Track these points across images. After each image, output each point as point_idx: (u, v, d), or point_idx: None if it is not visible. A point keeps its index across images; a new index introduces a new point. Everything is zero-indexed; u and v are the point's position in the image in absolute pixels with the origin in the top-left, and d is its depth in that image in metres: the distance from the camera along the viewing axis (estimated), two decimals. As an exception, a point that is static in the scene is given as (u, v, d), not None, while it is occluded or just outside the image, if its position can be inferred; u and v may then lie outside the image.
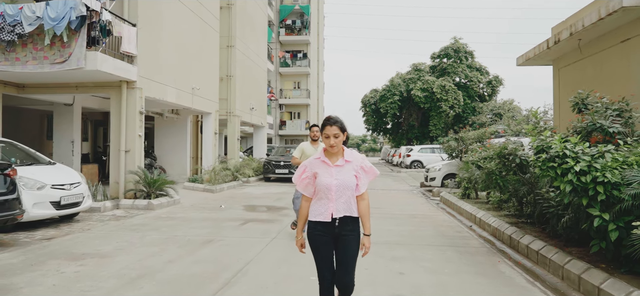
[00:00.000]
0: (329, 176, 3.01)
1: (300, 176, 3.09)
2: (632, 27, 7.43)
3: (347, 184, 3.00)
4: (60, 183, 7.53)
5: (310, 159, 3.14)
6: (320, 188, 3.01)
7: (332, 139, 2.97)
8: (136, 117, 10.87)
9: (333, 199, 3.00)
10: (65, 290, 4.24)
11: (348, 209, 3.02)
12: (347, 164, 3.04)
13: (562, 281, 4.69)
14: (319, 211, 3.02)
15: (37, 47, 9.31)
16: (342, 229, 3.01)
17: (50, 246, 6.11)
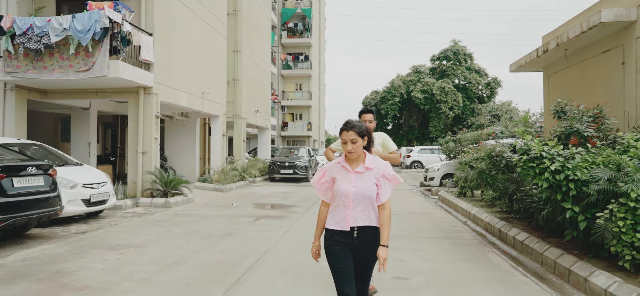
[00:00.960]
0: (347, 182, 2.86)
1: (319, 180, 2.99)
2: (610, 40, 8.14)
3: (366, 192, 2.83)
4: (89, 182, 8.25)
5: (331, 163, 3.01)
6: (337, 194, 2.87)
7: (349, 144, 2.84)
8: (152, 120, 11.59)
9: (350, 208, 2.84)
10: (114, 273, 4.95)
11: (367, 218, 2.85)
12: (367, 172, 2.88)
13: (541, 266, 5.40)
14: (337, 219, 2.88)
15: (63, 56, 10.03)
16: (362, 242, 2.84)
17: (87, 238, 6.83)
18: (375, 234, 2.86)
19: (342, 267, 2.81)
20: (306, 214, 9.48)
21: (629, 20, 7.48)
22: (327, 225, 2.91)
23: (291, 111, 45.82)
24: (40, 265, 5.27)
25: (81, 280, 4.68)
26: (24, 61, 10.08)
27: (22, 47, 9.85)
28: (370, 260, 2.89)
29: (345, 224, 2.83)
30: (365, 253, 2.86)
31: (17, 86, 10.94)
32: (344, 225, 2.83)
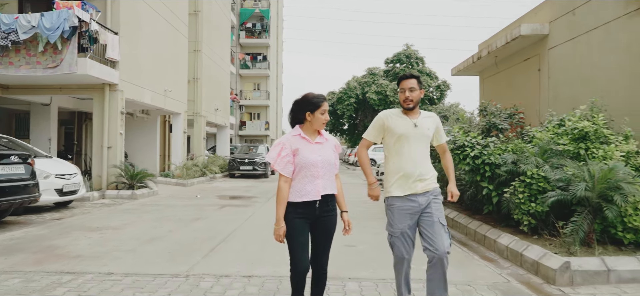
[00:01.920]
0: (312, 152, 2.88)
1: (279, 154, 2.88)
2: (529, 50, 9.57)
3: (330, 160, 2.93)
4: (62, 173, 8.69)
5: (287, 136, 2.97)
6: (304, 165, 2.84)
7: (326, 114, 2.93)
8: (118, 116, 12.01)
9: (320, 176, 2.87)
10: (101, 246, 5.61)
11: (331, 186, 2.96)
12: (326, 142, 2.99)
13: (466, 236, 6.56)
14: (306, 190, 2.85)
15: (30, 53, 10.31)
16: (323, 209, 2.91)
17: (64, 223, 7.35)
18: (333, 203, 2.99)
19: (302, 240, 2.86)
20: (268, 203, 10.31)
21: (542, 34, 8.90)
22: (291, 198, 2.85)
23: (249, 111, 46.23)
24: (30, 242, 5.83)
25: (73, 252, 5.31)
26: (-12, 57, 10.26)
27: (-12, 42, 10.05)
28: (331, 227, 2.97)
29: (316, 194, 2.84)
30: (326, 220, 2.93)
31: (-21, 81, 11.05)
32: (314, 195, 2.84)
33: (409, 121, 3.19)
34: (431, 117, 3.32)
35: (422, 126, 3.19)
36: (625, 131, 5.73)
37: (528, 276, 4.49)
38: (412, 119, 3.20)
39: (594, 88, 7.21)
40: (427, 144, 3.24)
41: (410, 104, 3.17)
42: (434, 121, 3.31)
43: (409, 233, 3.16)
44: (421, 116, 3.25)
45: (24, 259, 4.96)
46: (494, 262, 5.11)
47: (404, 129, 3.16)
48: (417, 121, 3.20)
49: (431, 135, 3.27)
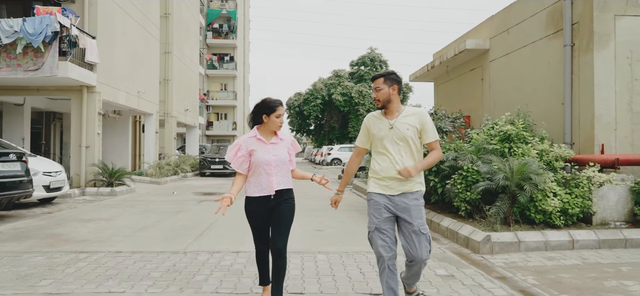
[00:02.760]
0: (266, 153, 3.21)
1: (235, 154, 3.24)
2: (474, 62, 10.92)
3: (284, 159, 3.26)
4: (48, 170, 9.25)
5: (244, 137, 3.30)
6: (259, 164, 3.19)
7: (282, 117, 3.27)
8: (95, 117, 12.54)
9: (273, 174, 3.21)
10: (100, 233, 6.37)
11: (285, 182, 3.28)
12: (280, 142, 3.31)
13: (416, 222, 7.72)
14: (261, 186, 3.22)
15: (10, 56, 10.74)
16: (277, 201, 3.23)
17: (57, 216, 7.99)
18: (290, 193, 3.31)
19: (260, 227, 3.27)
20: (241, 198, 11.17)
21: (484, 48, 10.24)
22: (248, 193, 3.27)
23: (216, 111, 46.50)
24: (35, 230, 6.51)
25: (77, 238, 6.06)
26: (-32, 59, 10.62)
27: (-31, 46, 10.42)
28: (285, 213, 3.25)
29: (270, 190, 3.21)
30: (281, 208, 3.24)
31: (-45, 82, 11.34)
32: (268, 190, 3.21)
33: (386, 123, 3.15)
34: (414, 115, 3.18)
35: (399, 127, 3.10)
36: (542, 133, 7.04)
37: (460, 248, 5.65)
38: (390, 119, 3.15)
39: (523, 96, 8.56)
40: (407, 144, 3.12)
41: (379, 104, 3.16)
42: (416, 119, 3.15)
43: (385, 230, 3.10)
44: (401, 115, 3.16)
45: (37, 243, 5.68)
46: (436, 240, 6.25)
47: (380, 132, 3.16)
48: (394, 121, 3.13)
49: (412, 135, 3.11)
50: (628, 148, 6.78)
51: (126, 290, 3.83)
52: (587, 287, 4.03)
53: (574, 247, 5.48)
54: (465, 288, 3.98)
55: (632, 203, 6.22)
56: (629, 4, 6.83)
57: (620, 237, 5.59)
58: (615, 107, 6.80)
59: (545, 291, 3.89)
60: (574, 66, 7.21)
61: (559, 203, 5.88)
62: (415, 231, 3.04)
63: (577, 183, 6.17)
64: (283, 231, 3.22)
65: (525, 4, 8.71)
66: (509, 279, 4.28)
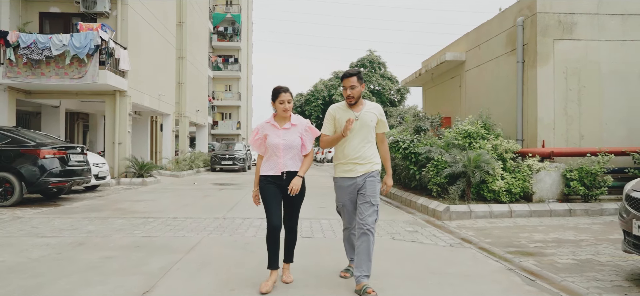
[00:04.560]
0: (277, 137, 3.50)
1: (254, 136, 3.59)
2: (454, 71, 12.79)
3: (293, 144, 3.50)
4: (96, 162, 11.14)
5: (262, 123, 3.63)
6: (270, 147, 3.50)
7: (286, 104, 3.48)
8: (126, 118, 14.42)
9: (281, 156, 3.48)
10: (153, 208, 8.23)
11: (294, 165, 3.52)
12: (293, 128, 3.54)
13: (400, 202, 9.58)
14: (270, 166, 3.53)
15: (59, 66, 12.61)
16: (289, 181, 3.50)
17: (109, 198, 9.87)
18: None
19: (272, 201, 3.51)
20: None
21: (461, 60, 12.11)
22: (261, 172, 3.58)
23: (221, 111, 48.36)
24: (102, 206, 8.39)
25: (138, 210, 7.94)
26: (23, 68, 12.51)
27: (26, 57, 12.30)
28: (296, 197, 3.54)
29: (278, 170, 3.51)
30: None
31: (9, 88, 13.22)
32: (277, 171, 3.51)
33: (352, 114, 3.57)
34: (375, 109, 3.68)
35: (364, 118, 3.58)
36: (497, 131, 8.90)
37: (428, 218, 7.52)
38: (355, 112, 3.59)
39: (490, 101, 10.42)
40: (368, 133, 3.61)
41: (352, 101, 3.59)
42: (376, 113, 3.67)
43: (349, 207, 3.74)
44: (365, 108, 3.63)
45: (112, 213, 7.56)
46: (412, 214, 8.12)
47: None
48: (360, 113, 3.58)
49: (374, 125, 3.64)
50: (563, 143, 8.66)
51: (194, 235, 5.70)
52: (506, 236, 5.90)
53: (512, 216, 7.35)
54: (424, 237, 5.84)
55: (562, 185, 8.09)
56: (564, 31, 8.71)
57: (547, 209, 7.47)
58: (554, 111, 8.68)
59: (477, 238, 5.75)
60: (524, 78, 9.09)
61: (504, 184, 7.76)
62: (367, 202, 3.51)
63: (520, 169, 8.05)
64: (294, 210, 3.61)
65: (491, 25, 10.59)
66: (455, 233, 6.15)
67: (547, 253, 4.89)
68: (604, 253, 4.87)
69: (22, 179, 8.17)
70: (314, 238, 5.69)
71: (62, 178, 8.56)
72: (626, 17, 8.84)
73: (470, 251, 4.99)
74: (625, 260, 4.53)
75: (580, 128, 8.75)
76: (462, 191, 7.78)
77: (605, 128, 8.79)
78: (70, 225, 6.33)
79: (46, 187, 8.45)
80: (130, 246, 5.01)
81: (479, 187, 7.97)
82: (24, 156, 8.29)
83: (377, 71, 48.89)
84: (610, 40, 8.81)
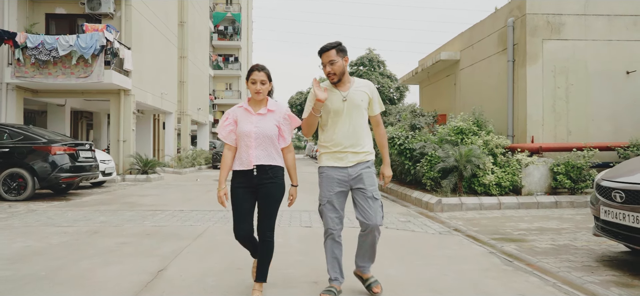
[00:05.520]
0: (249, 123, 2.99)
1: (223, 122, 3.06)
2: (449, 69, 13.17)
3: (267, 132, 2.98)
4: (103, 159, 11.52)
5: (234, 108, 3.10)
6: (240, 135, 2.99)
7: (258, 85, 2.96)
8: (130, 116, 14.80)
9: (253, 147, 2.96)
10: (159, 202, 8.62)
11: (269, 157, 3.00)
12: (269, 114, 3.04)
13: (396, 196, 9.97)
14: (241, 159, 3.00)
15: (66, 65, 12.99)
16: (262, 178, 2.97)
17: (116, 193, 10.25)
18: (276, 172, 3.01)
19: (241, 208, 3.00)
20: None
21: (456, 59, 12.48)
22: (234, 167, 3.04)
23: (221, 109, 48.62)
24: (111, 200, 8.78)
25: (145, 204, 8.32)
26: (31, 68, 12.89)
27: (34, 57, 12.68)
28: (271, 195, 2.98)
29: (248, 163, 2.96)
30: (267, 188, 2.97)
31: (17, 87, 13.60)
32: (248, 164, 2.96)
33: (339, 95, 3.09)
34: (366, 86, 3.19)
35: (353, 98, 3.09)
36: (489, 127, 9.28)
37: (422, 210, 7.91)
38: (342, 91, 3.09)
39: (482, 98, 10.79)
40: (360, 116, 3.12)
41: (335, 78, 3.07)
42: (367, 91, 3.16)
43: (336, 203, 3.10)
44: (353, 87, 3.13)
45: (120, 206, 7.95)
46: (406, 206, 8.50)
47: (333, 104, 3.08)
48: (347, 93, 3.09)
49: (365, 105, 3.14)
50: (551, 139, 9.04)
51: (200, 225, 6.08)
52: (493, 225, 6.28)
53: (501, 208, 7.74)
54: (415, 226, 6.23)
55: (550, 179, 8.47)
56: (552, 31, 9.08)
57: (534, 201, 7.86)
58: (543, 108, 9.06)
59: (466, 227, 6.13)
60: (514, 76, 9.46)
61: (494, 178, 8.14)
62: (369, 197, 3.05)
63: (510, 164, 8.43)
64: (268, 214, 3.01)
65: (484, 25, 10.96)
66: (446, 223, 6.53)
67: (528, 240, 5.27)
68: (581, 239, 5.25)
69: (34, 175, 8.56)
70: (312, 227, 6.06)
71: (72, 173, 8.95)
72: (612, 17, 9.21)
73: (458, 238, 5.38)
74: (599, 245, 4.92)
75: (568, 124, 9.13)
76: (454, 185, 8.16)
77: (592, 124, 9.17)
78: (83, 216, 6.72)
79: (57, 182, 8.84)
80: (142, 234, 5.39)
81: (470, 181, 8.35)
82: (36, 153, 8.67)
83: (376, 69, 49.23)
84: (597, 40, 9.18)
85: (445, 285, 3.54)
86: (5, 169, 8.51)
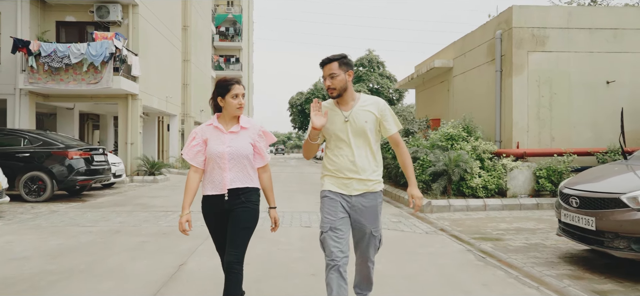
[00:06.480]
0: (221, 143, 2.72)
1: (190, 143, 2.80)
2: (443, 76, 13.78)
3: (242, 152, 2.72)
4: (113, 161, 12.15)
5: (202, 126, 2.82)
6: (212, 156, 2.72)
7: (240, 98, 2.73)
8: (137, 120, 15.43)
9: (227, 169, 2.71)
10: (169, 202, 9.23)
11: (243, 180, 2.75)
12: (242, 131, 2.77)
13: (390, 198, 10.59)
14: (214, 183, 2.75)
15: (77, 72, 13.62)
16: (233, 202, 2.72)
17: (128, 194, 10.88)
18: (249, 196, 2.76)
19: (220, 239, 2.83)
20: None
21: (449, 66, 13.10)
22: (204, 192, 2.81)
23: (223, 109, 49.36)
24: (124, 202, 9.40)
25: (156, 205, 8.94)
26: (43, 75, 13.52)
27: (47, 65, 13.31)
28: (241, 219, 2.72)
29: (222, 187, 2.72)
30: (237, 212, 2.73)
31: (30, 92, 14.23)
32: (221, 188, 2.72)
33: (340, 115, 2.81)
34: (373, 105, 2.83)
35: (356, 119, 2.77)
36: (477, 133, 9.89)
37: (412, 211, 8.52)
38: (345, 111, 2.81)
39: (473, 105, 11.41)
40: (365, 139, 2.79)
41: (334, 93, 2.77)
42: (374, 110, 2.81)
43: (340, 230, 2.75)
44: (358, 105, 2.82)
45: (134, 207, 8.57)
46: (399, 207, 9.12)
47: (333, 125, 2.82)
48: (350, 113, 2.79)
49: (371, 127, 2.78)
50: (536, 145, 9.66)
51: (209, 226, 6.69)
52: (476, 226, 6.90)
53: (486, 209, 8.36)
54: (405, 226, 6.85)
55: (533, 182, 9.09)
56: (537, 44, 9.69)
57: (517, 203, 8.48)
58: (528, 116, 9.68)
59: (451, 227, 6.75)
60: (502, 85, 10.08)
61: (481, 181, 8.77)
62: (366, 234, 2.82)
63: (495, 168, 9.05)
64: (237, 242, 2.71)
65: (475, 36, 11.58)
66: (433, 223, 7.15)
67: (504, 239, 5.89)
68: (552, 238, 5.87)
69: (53, 178, 9.19)
70: (311, 227, 6.69)
71: (87, 176, 9.58)
72: (593, 30, 9.83)
73: (441, 237, 6.00)
74: (566, 244, 5.53)
75: (551, 131, 9.75)
76: (444, 187, 8.79)
77: (574, 131, 9.79)
78: (101, 217, 7.34)
79: (73, 184, 9.47)
80: (159, 233, 6.02)
81: (459, 184, 8.96)
82: (54, 157, 9.30)
83: (376, 70, 49.87)
84: (579, 51, 9.80)
85: (424, 278, 4.16)
86: (26, 172, 9.14)
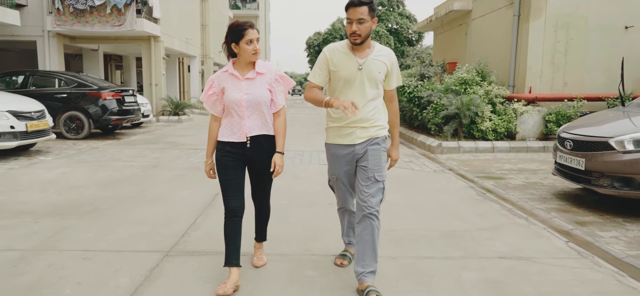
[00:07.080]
0: (238, 90, 2.67)
1: (207, 91, 2.77)
2: (461, 19, 13.77)
3: (259, 99, 2.68)
4: (141, 102, 12.82)
5: (218, 73, 2.77)
6: (229, 104, 2.68)
7: (255, 43, 2.64)
8: (160, 61, 15.93)
9: (245, 117, 2.68)
10: (197, 139, 9.90)
11: (263, 126, 2.73)
12: (259, 77, 2.70)
13: (405, 141, 11.09)
14: (232, 130, 2.71)
15: (101, 14, 14.04)
16: (255, 151, 2.72)
17: (157, 133, 11.60)
18: (270, 142, 2.75)
19: (230, 179, 2.72)
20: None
21: (468, 9, 13.07)
22: (219, 138, 2.75)
23: (240, 50, 49.39)
24: (154, 140, 10.12)
25: (186, 144, 9.62)
26: (70, 17, 13.98)
27: (72, 6, 13.73)
28: (266, 170, 2.75)
29: (241, 135, 2.70)
30: (260, 164, 2.76)
31: (57, 34, 14.77)
32: (240, 136, 2.70)
33: (355, 62, 2.71)
34: (386, 57, 2.78)
35: (370, 68, 2.71)
36: (491, 78, 10.14)
37: (425, 152, 9.03)
38: (359, 58, 2.72)
39: (489, 49, 11.54)
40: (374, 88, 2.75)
41: (358, 39, 2.65)
42: (387, 62, 2.77)
43: (345, 180, 2.90)
44: (372, 54, 2.74)
45: (165, 145, 9.28)
46: (412, 149, 9.63)
47: (345, 71, 2.72)
48: (364, 61, 2.71)
49: (382, 77, 2.75)
50: (548, 90, 9.90)
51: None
52: (482, 166, 7.39)
53: (494, 151, 8.81)
54: (415, 166, 7.38)
55: (542, 126, 9.43)
56: (556, -13, 9.67)
57: (524, 145, 8.90)
58: (542, 61, 9.85)
59: (458, 167, 7.26)
60: (519, 30, 10.19)
61: (490, 125, 9.16)
62: (370, 177, 2.72)
63: (506, 112, 9.40)
64: (264, 188, 2.88)
65: (494, -22, 11.50)
66: (443, 163, 7.67)
67: (506, 178, 6.40)
68: (550, 178, 6.35)
69: (89, 117, 9.91)
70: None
71: (120, 116, 10.28)
72: (615, -27, 9.71)
73: (448, 176, 6.54)
74: (562, 183, 6.02)
75: (564, 76, 9.93)
76: (455, 130, 9.22)
77: (588, 76, 9.96)
78: (138, 154, 8.07)
79: (107, 124, 10.19)
80: (193, 168, 6.70)
81: (469, 127, 9.37)
82: (89, 98, 9.97)
83: (395, 9, 48.72)
84: (599, -5, 9.76)
85: (426, 208, 4.74)
86: (65, 111, 9.87)
